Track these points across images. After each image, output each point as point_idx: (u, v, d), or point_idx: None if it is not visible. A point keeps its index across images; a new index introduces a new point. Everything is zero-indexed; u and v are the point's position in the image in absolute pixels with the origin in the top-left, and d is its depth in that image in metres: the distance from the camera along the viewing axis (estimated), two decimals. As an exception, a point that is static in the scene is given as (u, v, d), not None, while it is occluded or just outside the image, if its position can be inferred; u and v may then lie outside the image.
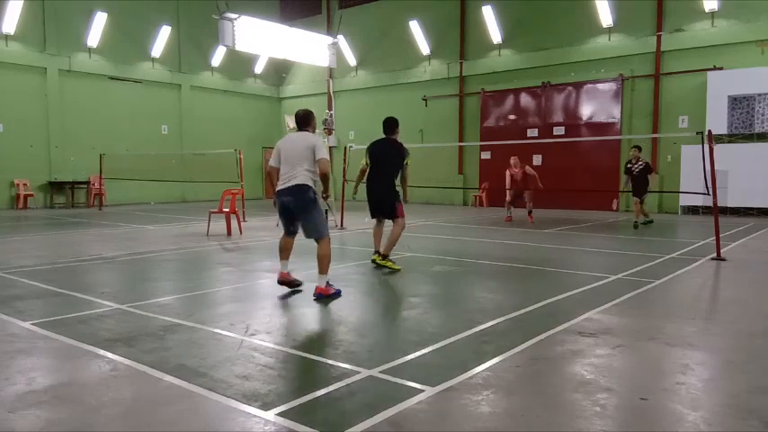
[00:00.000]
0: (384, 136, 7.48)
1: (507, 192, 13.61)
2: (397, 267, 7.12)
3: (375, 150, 7.38)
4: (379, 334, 4.45)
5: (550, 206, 16.77)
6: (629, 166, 12.41)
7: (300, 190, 5.46)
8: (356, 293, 6.03)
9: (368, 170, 7.39)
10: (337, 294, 5.62)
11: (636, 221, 12.38)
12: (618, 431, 2.78)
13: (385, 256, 7.18)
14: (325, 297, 5.49)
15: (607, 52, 17.26)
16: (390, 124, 7.53)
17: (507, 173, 13.44)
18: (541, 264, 7.63)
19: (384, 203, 7.29)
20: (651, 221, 12.84)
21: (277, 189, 5.63)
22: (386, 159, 7.28)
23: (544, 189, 14.17)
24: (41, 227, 12.89)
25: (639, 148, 12.51)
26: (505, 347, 3.95)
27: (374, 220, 7.52)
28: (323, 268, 5.57)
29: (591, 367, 3.60)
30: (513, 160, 13.43)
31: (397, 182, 7.35)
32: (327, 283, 5.60)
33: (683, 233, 11.82)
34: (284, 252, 5.92)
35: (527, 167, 13.51)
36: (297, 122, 5.77)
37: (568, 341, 4.14)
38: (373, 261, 7.35)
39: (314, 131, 5.87)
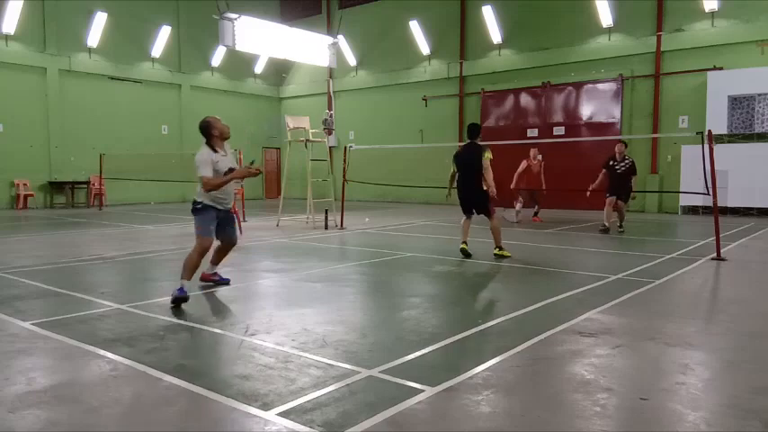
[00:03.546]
0: (468, 141, 8.36)
1: (515, 183, 13.04)
2: (508, 254, 8.03)
3: (458, 155, 8.34)
4: (379, 334, 4.45)
5: (550, 206, 16.75)
6: (611, 162, 11.04)
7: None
8: (356, 293, 6.03)
9: (457, 175, 8.33)
10: (181, 296, 5.13)
11: (605, 225, 11.05)
12: (618, 431, 2.78)
13: (500, 248, 8.09)
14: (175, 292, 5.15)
15: (607, 52, 17.25)
16: (471, 129, 8.47)
17: (524, 163, 13.05)
18: (541, 264, 7.63)
19: (472, 201, 8.18)
20: (622, 229, 11.25)
21: None
22: (466, 162, 8.17)
23: (546, 190, 13.96)
24: (41, 227, 12.89)
25: (626, 144, 11.32)
26: (505, 347, 3.95)
27: (463, 217, 8.39)
28: (182, 271, 5.30)
29: (591, 367, 3.60)
30: (533, 152, 13.17)
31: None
32: (181, 288, 5.15)
33: (683, 233, 11.81)
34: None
35: (543, 164, 13.25)
36: None
37: (568, 341, 4.14)
38: (463, 250, 8.08)
39: (221, 139, 5.55)
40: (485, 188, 8.00)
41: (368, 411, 2.91)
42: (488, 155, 8.01)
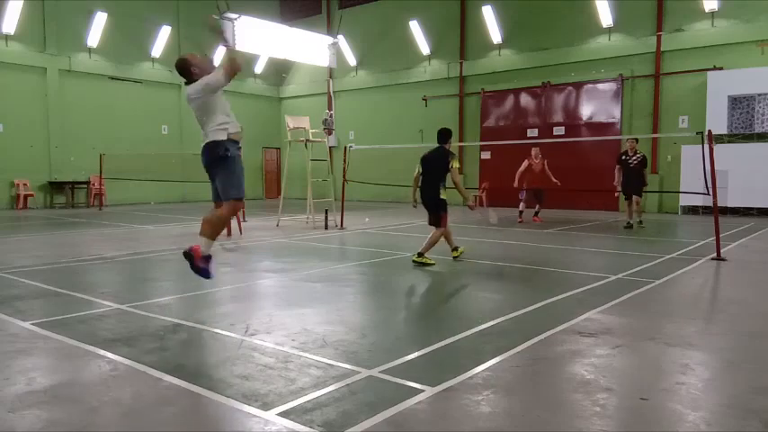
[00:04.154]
0: (438, 144, 7.83)
1: (518, 181, 13.11)
2: (431, 262, 7.45)
3: (425, 158, 7.81)
4: (379, 334, 4.45)
5: (551, 206, 16.77)
6: (624, 158, 11.82)
7: (210, 147, 4.89)
8: (356, 293, 6.03)
9: (420, 177, 7.81)
10: (205, 273, 4.88)
11: (629, 222, 11.95)
12: (618, 431, 2.78)
13: (421, 254, 7.49)
14: (192, 259, 4.79)
15: (607, 52, 17.26)
16: (442, 134, 7.87)
17: (525, 162, 13.09)
18: (541, 264, 7.63)
19: (430, 209, 7.70)
20: (642, 224, 12.08)
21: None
22: (432, 166, 7.68)
23: (559, 187, 13.76)
24: (41, 227, 12.89)
25: (637, 140, 12.08)
26: (505, 347, 3.95)
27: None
28: (204, 229, 4.82)
29: (591, 367, 3.60)
30: (534, 151, 13.16)
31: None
32: (207, 264, 4.84)
33: (683, 233, 11.81)
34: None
35: (546, 163, 13.24)
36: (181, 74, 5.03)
37: (568, 341, 4.14)
38: (455, 258, 7.81)
39: (201, 72, 4.92)
40: (442, 197, 7.54)
41: (368, 411, 2.91)
42: (456, 163, 7.53)
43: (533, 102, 18.83)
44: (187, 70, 4.99)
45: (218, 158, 4.86)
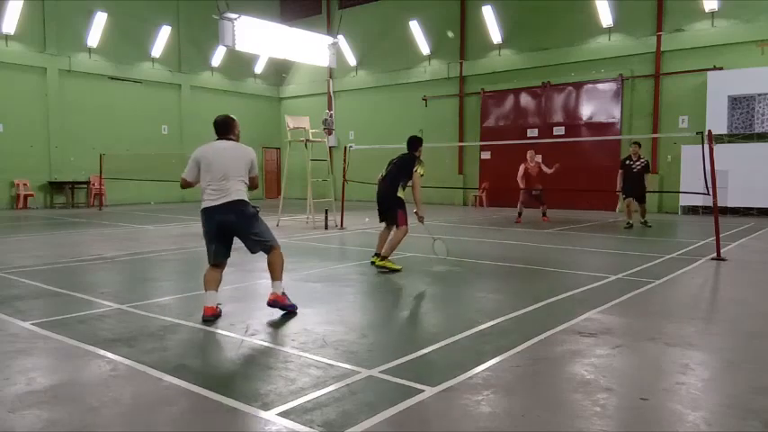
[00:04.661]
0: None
1: (520, 187, 13.19)
2: (397, 267, 7.09)
3: (391, 161, 7.52)
4: (379, 334, 4.45)
5: (551, 206, 16.76)
6: (628, 162, 12.05)
7: (241, 205, 4.96)
8: (356, 293, 6.03)
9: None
10: (292, 310, 4.95)
11: (629, 222, 12.06)
12: (618, 431, 2.78)
13: (384, 257, 7.13)
14: (280, 306, 4.91)
15: (607, 52, 17.25)
16: (411, 142, 7.53)
17: (522, 167, 13.14)
18: (541, 264, 7.63)
19: (384, 208, 7.30)
20: (649, 225, 12.32)
21: (208, 206, 4.92)
22: (396, 168, 7.33)
23: (559, 182, 13.73)
24: (41, 227, 12.89)
25: (639, 145, 12.22)
26: (505, 347, 3.95)
27: (383, 223, 7.48)
28: (279, 274, 4.98)
29: (591, 367, 3.60)
30: (529, 154, 13.19)
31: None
32: (283, 293, 4.98)
33: (683, 233, 11.81)
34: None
35: (542, 165, 13.25)
36: (217, 130, 5.24)
37: (568, 341, 4.14)
38: (372, 263, 7.31)
39: (238, 140, 5.27)
40: (399, 195, 7.16)
41: (368, 411, 2.91)
42: (421, 170, 7.20)
43: (533, 102, 18.83)
44: (231, 130, 5.25)
45: (251, 216, 5.05)
